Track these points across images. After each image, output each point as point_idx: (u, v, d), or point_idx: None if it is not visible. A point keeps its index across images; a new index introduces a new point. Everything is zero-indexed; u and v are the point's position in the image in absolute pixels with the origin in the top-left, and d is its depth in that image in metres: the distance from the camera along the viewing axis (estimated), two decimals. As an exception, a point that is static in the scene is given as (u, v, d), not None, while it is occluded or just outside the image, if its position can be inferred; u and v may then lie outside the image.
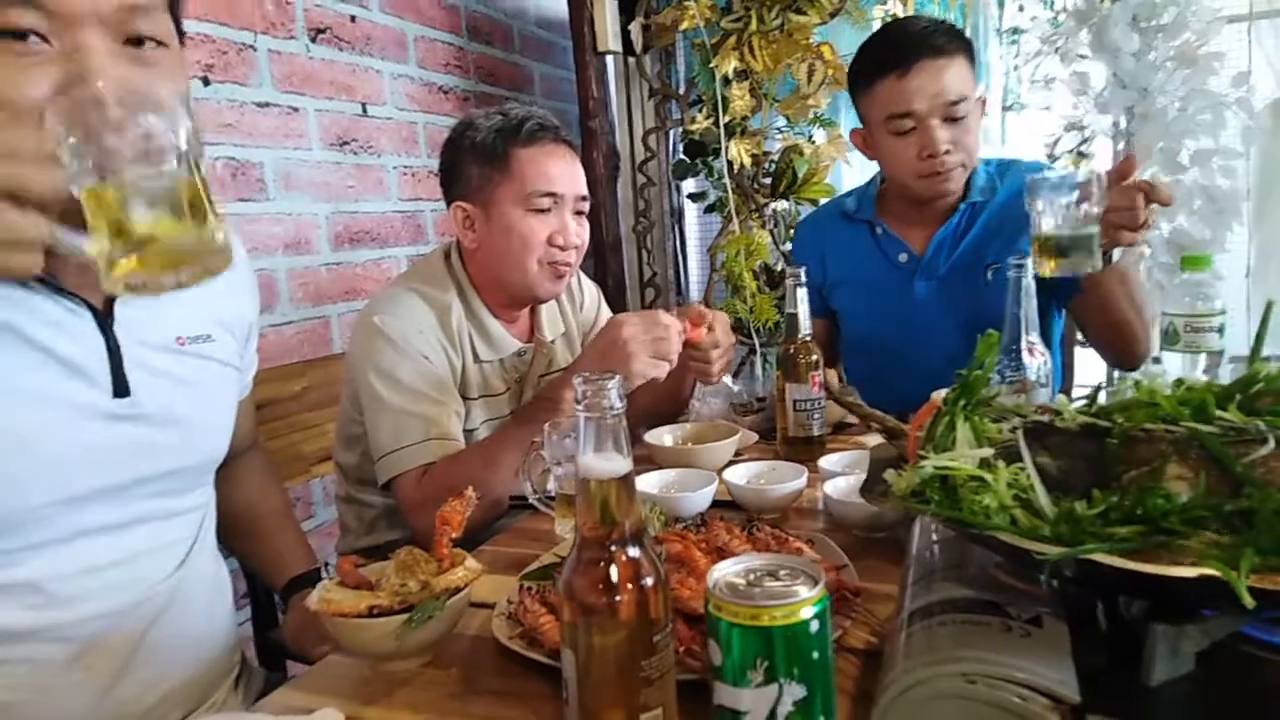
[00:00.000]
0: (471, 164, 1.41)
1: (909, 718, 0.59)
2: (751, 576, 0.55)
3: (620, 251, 2.83)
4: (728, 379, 1.67)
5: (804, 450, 1.38)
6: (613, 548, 0.58)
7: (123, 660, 0.90)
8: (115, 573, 0.89)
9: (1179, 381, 0.75)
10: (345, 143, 2.20)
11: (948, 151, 1.56)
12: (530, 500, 1.15)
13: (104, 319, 0.88)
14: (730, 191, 2.60)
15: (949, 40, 1.56)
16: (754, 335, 2.59)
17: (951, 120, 1.56)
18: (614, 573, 0.57)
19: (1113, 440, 0.67)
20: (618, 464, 0.59)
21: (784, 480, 1.16)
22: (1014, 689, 0.57)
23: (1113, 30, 2.56)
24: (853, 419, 1.56)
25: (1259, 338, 0.76)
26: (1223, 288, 2.57)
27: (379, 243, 2.32)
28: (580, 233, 1.45)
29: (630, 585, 0.57)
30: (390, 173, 2.36)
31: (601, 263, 2.78)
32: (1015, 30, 3.15)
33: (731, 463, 1.31)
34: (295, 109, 2.05)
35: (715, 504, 1.16)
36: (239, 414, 1.11)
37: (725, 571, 0.56)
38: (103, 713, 0.89)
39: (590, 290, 1.71)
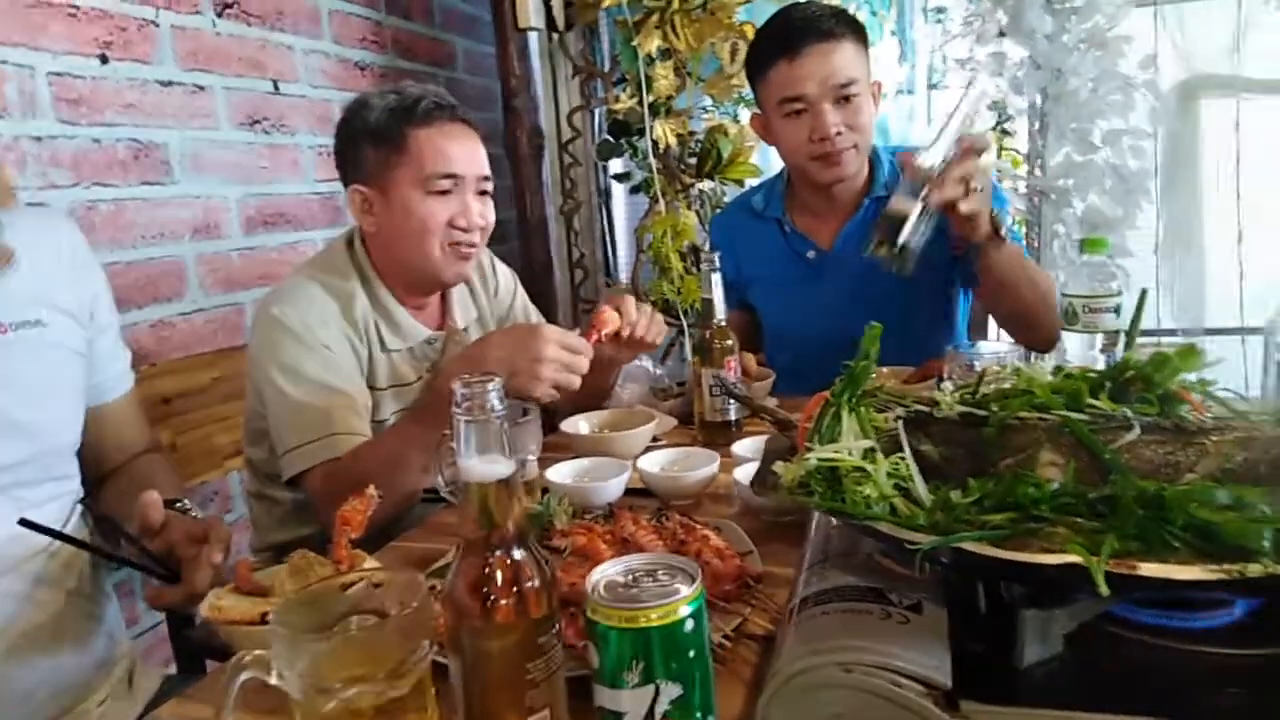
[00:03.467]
0: (367, 146, 1.38)
1: (792, 707, 0.60)
2: (631, 577, 0.56)
3: (546, 232, 2.80)
4: (649, 364, 1.68)
5: (721, 434, 1.39)
6: (496, 551, 0.58)
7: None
8: None
9: (1058, 369, 0.77)
10: (256, 121, 2.13)
11: (839, 133, 1.61)
12: (442, 494, 1.14)
13: None
14: (656, 172, 2.59)
15: (837, 24, 1.59)
16: (681, 317, 2.60)
17: (843, 102, 1.60)
18: (495, 576, 0.57)
19: (989, 428, 0.69)
20: (499, 466, 0.58)
21: (697, 467, 1.17)
22: (889, 676, 0.58)
23: (1028, 12, 2.61)
24: (770, 402, 1.59)
25: (1133, 325, 0.78)
26: (1133, 264, 2.68)
27: (295, 225, 2.26)
28: (484, 213, 1.42)
29: (512, 588, 0.57)
30: (305, 152, 2.29)
31: (527, 243, 2.76)
32: (940, 10, 3.20)
33: (650, 448, 1.32)
34: (201, 87, 1.97)
35: (630, 492, 1.17)
36: (118, 416, 1.08)
37: (605, 573, 0.56)
38: None
39: (505, 275, 1.69)
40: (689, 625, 0.53)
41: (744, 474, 1.10)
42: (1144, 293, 0.80)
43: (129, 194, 1.79)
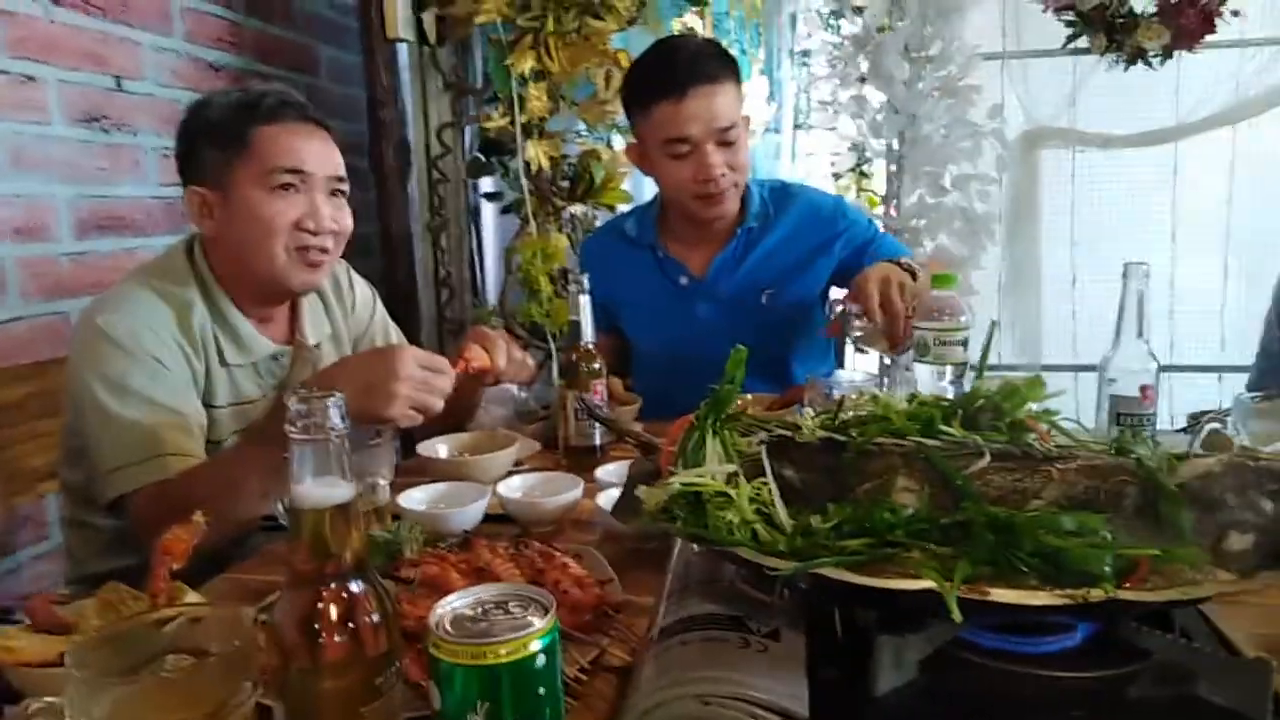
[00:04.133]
0: (207, 145, 1.28)
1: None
2: (479, 610, 0.52)
3: (411, 249, 2.71)
4: (513, 386, 1.63)
5: (586, 459, 1.36)
6: (330, 583, 0.53)
7: None
8: None
9: (912, 396, 0.79)
10: (94, 119, 1.97)
11: (723, 175, 1.64)
12: (282, 521, 1.06)
13: None
14: (527, 193, 2.56)
15: (720, 66, 1.63)
16: (550, 340, 2.57)
17: (725, 145, 1.64)
18: (328, 611, 0.52)
19: (848, 454, 0.69)
20: (338, 490, 0.54)
21: (559, 492, 1.14)
22: (747, 708, 0.57)
23: (886, 58, 2.74)
24: (636, 428, 1.58)
25: (984, 354, 0.81)
26: (978, 301, 2.84)
27: (134, 231, 2.09)
28: (337, 216, 1.33)
29: (347, 624, 0.52)
30: (149, 154, 2.13)
31: (392, 260, 2.66)
32: (806, 53, 3.33)
33: (511, 473, 1.27)
34: (31, 78, 1.81)
35: (489, 518, 1.12)
36: None
37: (450, 606, 0.52)
38: None
39: (364, 290, 1.61)
40: (540, 661, 0.49)
41: (607, 500, 1.08)
42: (994, 324, 0.83)
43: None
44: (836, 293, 1.83)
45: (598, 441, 1.39)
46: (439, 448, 1.36)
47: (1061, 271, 3.07)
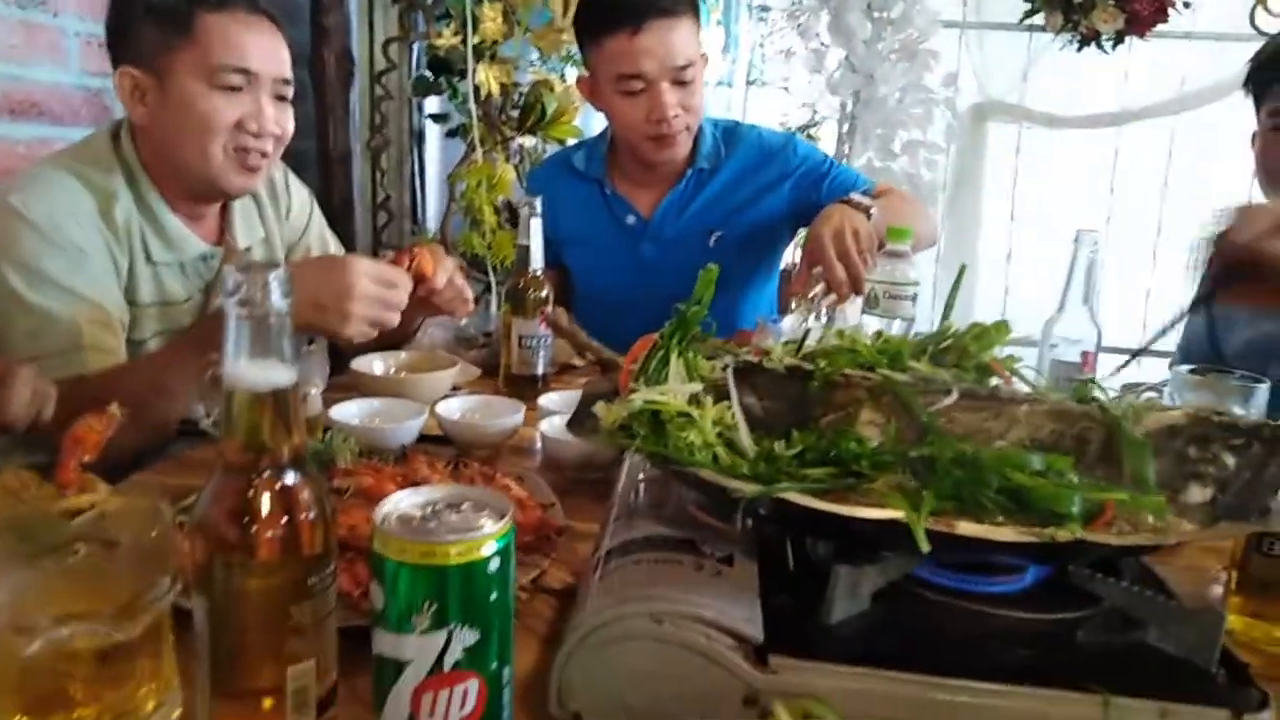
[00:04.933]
0: (146, 22, 1.18)
1: (596, 659, 0.56)
2: (430, 509, 0.48)
3: (350, 167, 2.60)
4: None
5: (526, 388, 1.32)
6: (264, 474, 0.49)
7: None
8: None
9: (879, 334, 0.77)
10: (19, -7, 1.81)
11: (676, 115, 1.59)
12: (202, 426, 1.00)
13: None
14: (476, 119, 2.46)
15: (678, 1, 1.56)
16: (490, 272, 2.50)
17: (680, 84, 1.58)
18: (262, 502, 0.48)
19: (814, 383, 0.67)
20: (277, 374, 0.49)
21: (499, 416, 1.10)
22: (700, 628, 0.55)
23: (849, 15, 2.71)
24: (578, 361, 1.54)
25: (951, 296, 0.80)
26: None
27: (51, 119, 1.95)
28: (280, 120, 1.25)
29: (281, 518, 0.48)
30: (70, 39, 1.98)
31: (328, 177, 2.55)
32: (765, 8, 3.27)
33: (447, 396, 1.23)
34: (-67, -65, 1.65)
35: (423, 439, 1.08)
36: None
37: (399, 503, 0.48)
38: None
39: (300, 195, 1.52)
40: (494, 565, 0.46)
41: (550, 426, 1.04)
42: (963, 267, 0.82)
43: None
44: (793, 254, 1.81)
45: (540, 371, 1.35)
46: (375, 364, 1.30)
47: (997, 247, 3.12)
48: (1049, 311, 1.22)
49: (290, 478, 0.49)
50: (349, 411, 1.06)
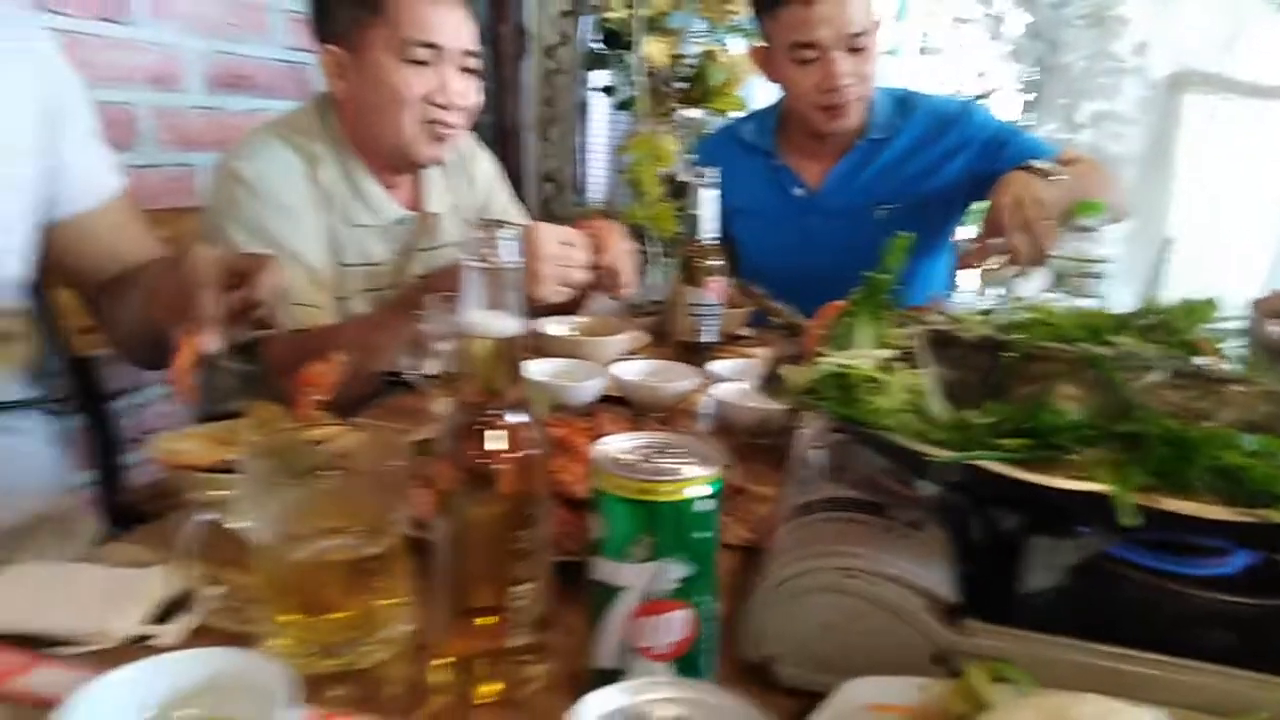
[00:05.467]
0: (342, 2, 1.27)
1: (785, 610, 0.58)
2: (643, 452, 0.52)
3: (519, 139, 2.70)
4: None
5: (694, 356, 1.36)
6: (495, 413, 0.54)
7: None
8: None
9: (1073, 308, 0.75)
10: (232, -26, 1.99)
11: (849, 84, 1.57)
12: (407, 377, 1.08)
13: None
14: (643, 91, 2.51)
15: None
16: (652, 242, 2.55)
17: (854, 51, 1.56)
18: (495, 439, 0.53)
19: (1010, 355, 0.67)
20: (508, 323, 0.54)
21: (675, 379, 1.14)
22: (892, 586, 0.56)
23: (1037, -23, 2.57)
24: (745, 331, 1.57)
25: (1157, 272, 0.77)
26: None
27: (261, 91, 2.12)
28: (466, 92, 1.32)
29: (511, 453, 0.53)
30: (276, 15, 2.14)
31: (499, 149, 2.65)
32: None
33: (620, 359, 1.28)
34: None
35: (601, 399, 1.13)
36: (96, 231, 0.99)
37: (615, 445, 0.52)
38: None
39: (486, 164, 1.60)
40: (705, 505, 0.49)
41: (723, 391, 1.07)
42: (1168, 242, 0.79)
43: (85, 28, 1.66)
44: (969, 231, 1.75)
45: (708, 339, 1.38)
46: (551, 326, 1.36)
47: (1190, 224, 2.90)
48: (1247, 292, 1.14)
49: (517, 417, 0.54)
50: (537, 369, 1.12)
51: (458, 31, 1.30)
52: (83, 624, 0.60)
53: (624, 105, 2.65)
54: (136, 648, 0.60)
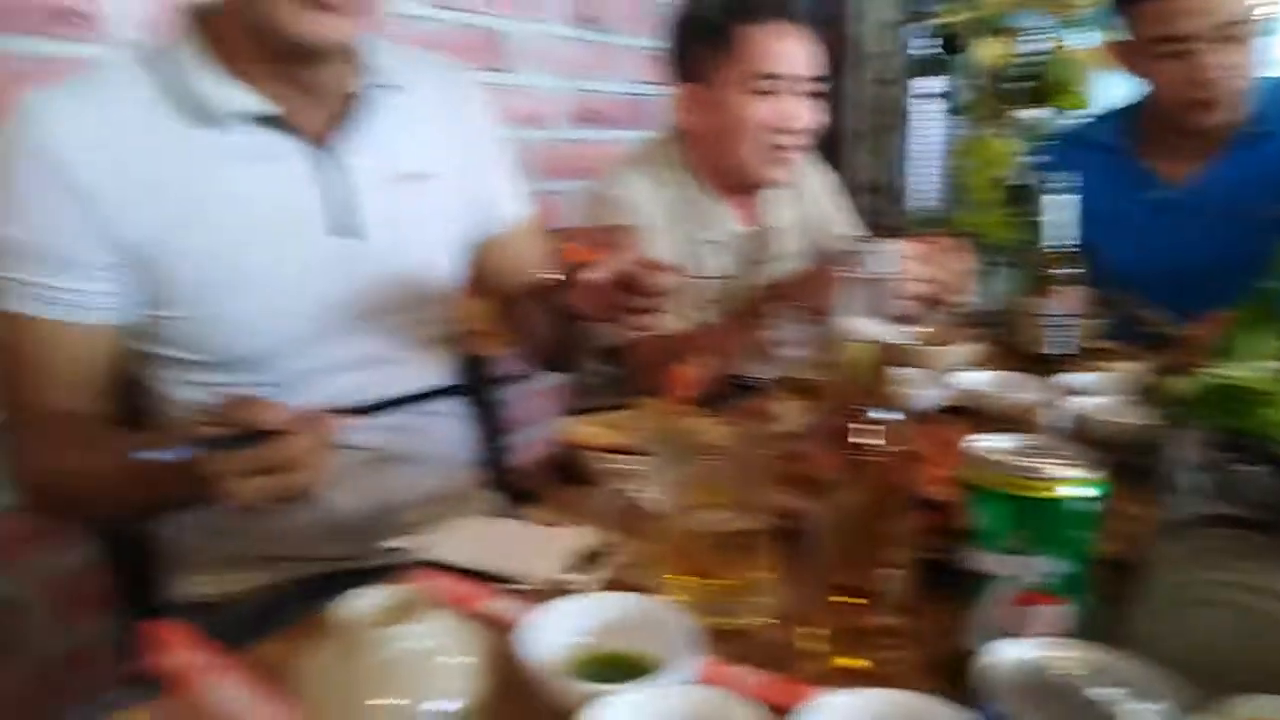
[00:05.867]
0: (694, 42, 1.40)
1: (1176, 624, 0.57)
2: (1016, 451, 0.55)
3: (842, 152, 2.73)
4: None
5: (1041, 367, 1.31)
6: (868, 412, 0.59)
7: (368, 471, 1.00)
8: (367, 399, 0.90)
9: None
10: (588, 20, 2.23)
11: (1222, 78, 1.42)
12: (753, 382, 1.17)
13: (323, 158, 0.94)
14: (977, 94, 2.43)
15: None
16: (987, 250, 2.46)
17: (1229, 41, 1.41)
18: (870, 435, 0.59)
19: None
20: (878, 330, 0.59)
21: (1020, 390, 1.12)
22: (1284, 604, 0.54)
23: None
24: (1099, 345, 1.48)
25: None
26: None
27: (614, 123, 2.36)
28: (810, 115, 1.41)
29: (885, 447, 0.59)
30: (632, 53, 2.37)
31: (828, 162, 2.71)
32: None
33: (961, 370, 1.27)
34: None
35: (943, 409, 1.14)
36: (508, 251, 1.15)
37: (989, 442, 0.56)
38: (350, 516, 1.01)
39: (823, 179, 1.68)
40: (1084, 505, 0.51)
41: (1083, 405, 1.04)
42: None
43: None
44: None
45: (1059, 350, 1.33)
46: (888, 336, 1.39)
47: None
48: None
49: (889, 415, 0.60)
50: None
51: (801, 60, 1.39)
52: (518, 567, 0.74)
53: (956, 110, 2.58)
54: (556, 591, 0.73)
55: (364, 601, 0.54)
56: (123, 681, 1.12)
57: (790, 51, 1.37)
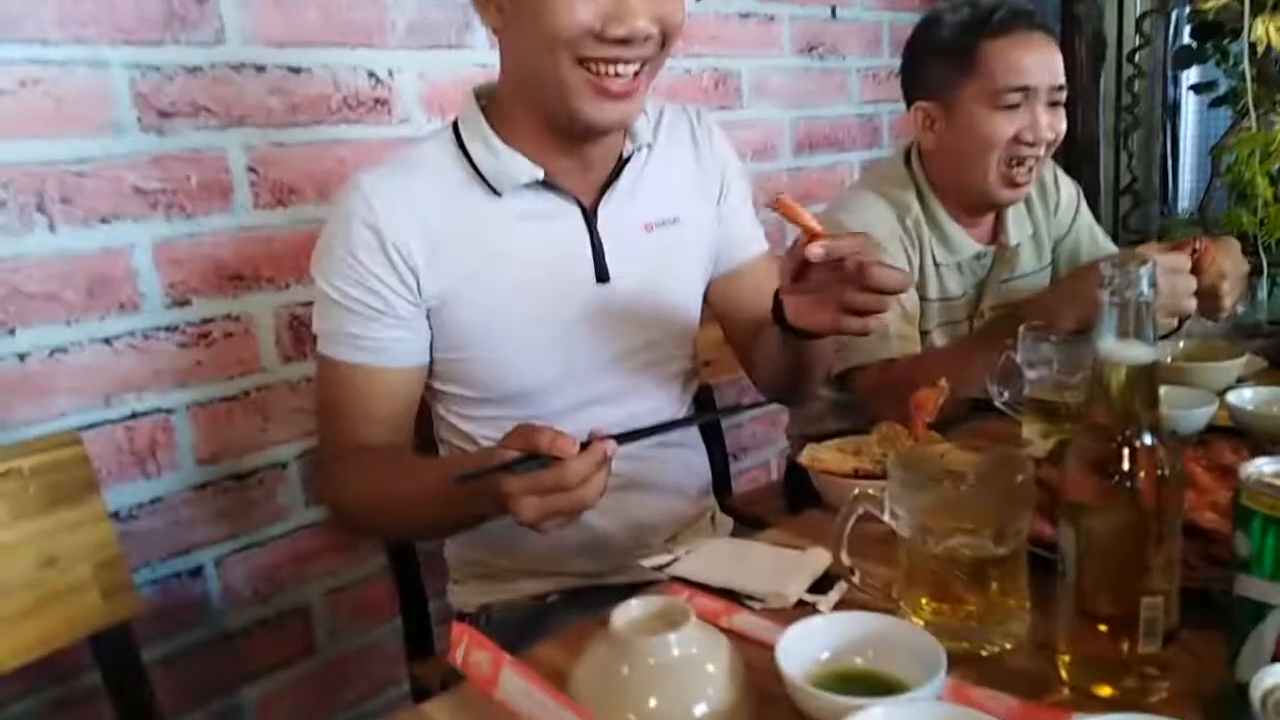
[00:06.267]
0: (935, 62, 1.37)
1: None
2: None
3: (1096, 153, 2.56)
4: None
5: (1331, 382, 1.18)
6: (1128, 436, 0.58)
7: (618, 499, 1.05)
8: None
9: None
10: (813, 48, 2.26)
11: None
12: (996, 403, 1.14)
13: (589, 216, 1.04)
14: (1249, 80, 2.19)
15: None
16: (1261, 252, 2.21)
17: None
18: (1130, 459, 0.57)
19: None
20: (1139, 351, 0.58)
21: (1302, 408, 1.02)
22: None
23: None
24: None
25: None
26: None
27: (836, 147, 2.37)
28: (1054, 125, 1.35)
29: (1145, 474, 0.57)
30: (852, 76, 2.37)
31: (1073, 167, 2.54)
32: None
33: (1231, 387, 1.17)
34: (771, 17, 2.15)
35: (1211, 429, 1.06)
36: (746, 283, 1.20)
37: (1264, 465, 0.53)
38: (601, 538, 1.10)
39: (1068, 189, 1.59)
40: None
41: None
42: None
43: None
44: None
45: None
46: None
47: None
48: None
49: (1149, 440, 0.58)
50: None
51: (1047, 69, 1.34)
52: (764, 586, 0.78)
53: (1220, 100, 2.35)
54: (798, 610, 0.76)
55: (634, 611, 0.61)
56: (414, 678, 1.29)
57: (1035, 63, 1.32)
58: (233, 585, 1.41)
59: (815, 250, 0.82)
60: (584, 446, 0.77)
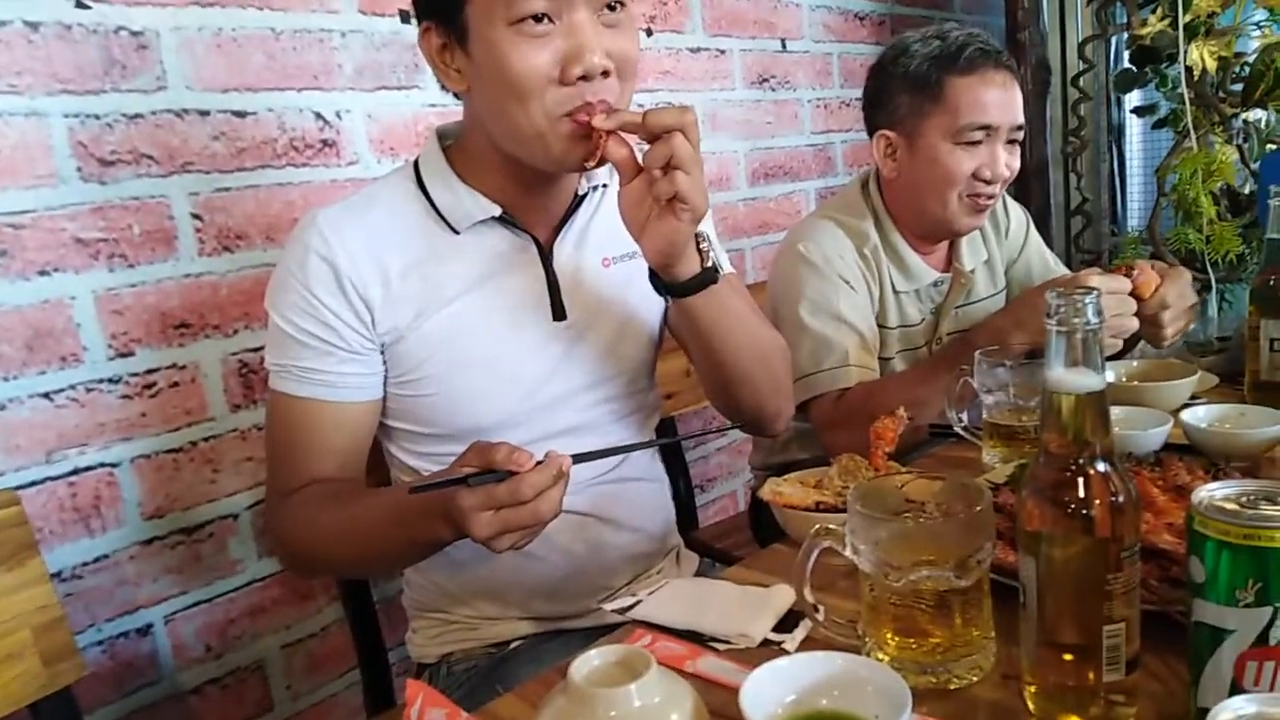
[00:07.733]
0: (901, 92, 1.39)
1: None
2: (1245, 498, 0.52)
3: (1045, 176, 2.61)
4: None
5: (1277, 399, 1.20)
6: (1081, 463, 0.58)
7: (577, 535, 1.07)
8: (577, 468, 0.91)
9: None
10: (765, 80, 2.29)
11: None
12: (955, 429, 1.14)
13: (545, 254, 1.03)
14: (1188, 102, 2.26)
15: None
16: (1209, 269, 2.26)
17: None
18: (1082, 486, 0.57)
19: None
20: (1088, 380, 0.58)
21: (1255, 425, 1.03)
22: None
23: None
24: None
25: None
26: None
27: (791, 176, 2.39)
28: (1010, 163, 1.38)
29: (1098, 500, 0.57)
30: (805, 106, 2.40)
31: (1024, 189, 2.59)
32: None
33: (1185, 406, 1.18)
34: (722, 51, 2.17)
35: (1167, 448, 1.07)
36: (716, 306, 1.17)
37: (1215, 490, 0.53)
38: (562, 577, 1.07)
39: (1017, 215, 1.61)
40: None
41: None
42: None
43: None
44: None
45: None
46: (1107, 372, 1.31)
47: None
48: None
49: (1102, 466, 0.58)
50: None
51: (1009, 108, 1.36)
52: (728, 627, 0.77)
53: (1161, 123, 2.41)
54: (764, 650, 0.75)
55: (594, 661, 0.59)
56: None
57: (999, 102, 1.35)
58: (184, 643, 1.36)
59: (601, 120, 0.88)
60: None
